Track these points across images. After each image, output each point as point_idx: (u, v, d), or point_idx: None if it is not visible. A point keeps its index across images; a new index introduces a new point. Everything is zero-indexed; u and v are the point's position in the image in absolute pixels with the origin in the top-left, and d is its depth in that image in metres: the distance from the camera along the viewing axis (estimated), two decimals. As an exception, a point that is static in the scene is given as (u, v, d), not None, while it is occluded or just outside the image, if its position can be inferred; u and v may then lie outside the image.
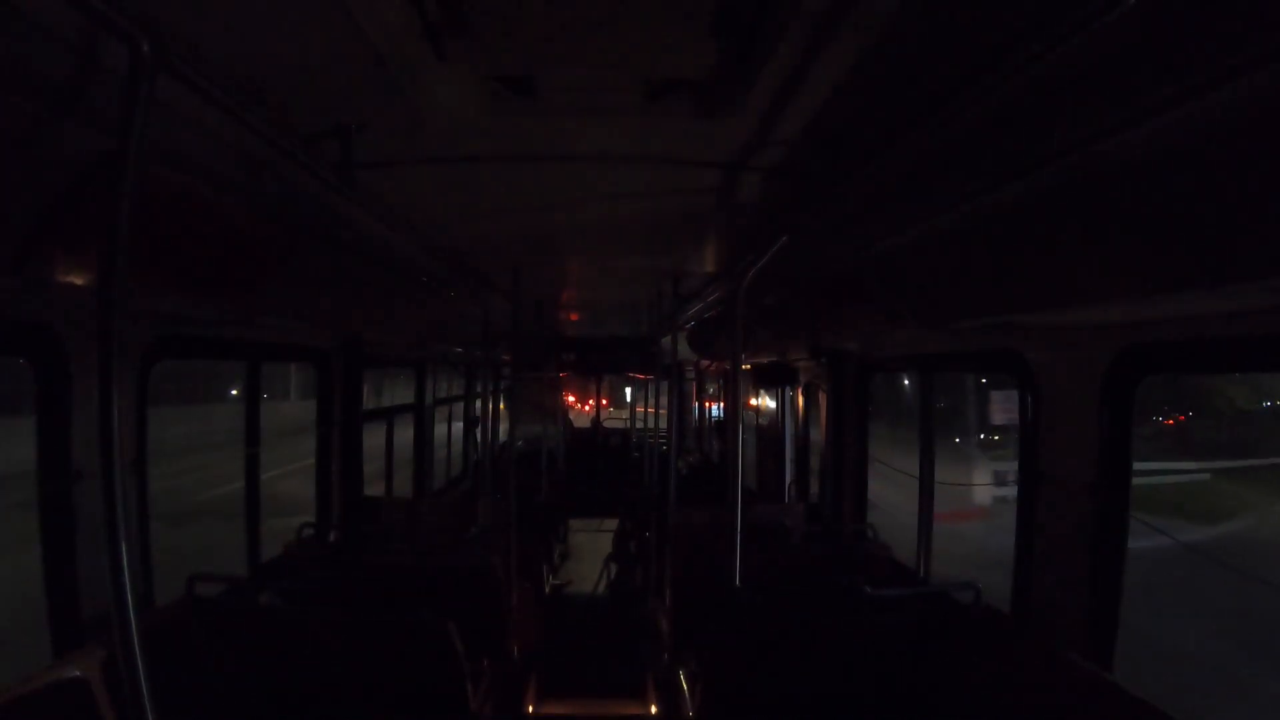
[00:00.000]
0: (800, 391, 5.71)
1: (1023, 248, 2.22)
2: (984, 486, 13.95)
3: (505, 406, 7.51)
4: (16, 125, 1.48)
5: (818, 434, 4.94)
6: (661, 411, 6.60)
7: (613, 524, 8.14)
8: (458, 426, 8.19)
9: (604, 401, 13.74)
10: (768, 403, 6.86)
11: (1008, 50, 1.31)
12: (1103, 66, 1.38)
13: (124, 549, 1.28)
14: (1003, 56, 1.33)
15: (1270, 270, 1.47)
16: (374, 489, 5.01)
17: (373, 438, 5.05)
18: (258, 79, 1.53)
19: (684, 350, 6.17)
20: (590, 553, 7.93)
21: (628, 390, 9.77)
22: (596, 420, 12.38)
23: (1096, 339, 2.25)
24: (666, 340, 6.41)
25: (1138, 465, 2.32)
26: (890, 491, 7.67)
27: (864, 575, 3.52)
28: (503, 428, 7.05)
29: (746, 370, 6.62)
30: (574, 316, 7.23)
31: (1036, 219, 2.05)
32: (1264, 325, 1.73)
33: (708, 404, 10.75)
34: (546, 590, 5.78)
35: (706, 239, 3.33)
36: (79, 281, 1.94)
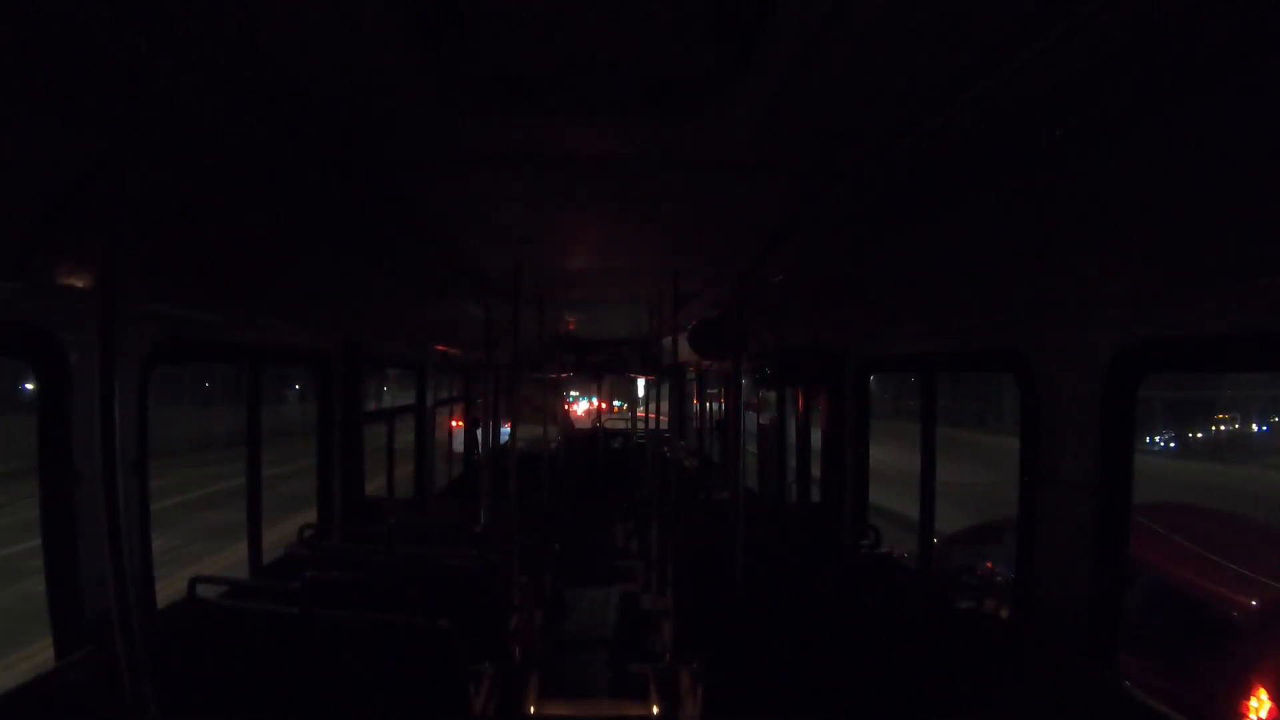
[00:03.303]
0: (800, 391, 5.71)
1: (1022, 247, 2.22)
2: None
3: (505, 408, 7.51)
4: (17, 127, 1.49)
5: (819, 434, 4.93)
6: (663, 416, 6.60)
7: (614, 525, 8.14)
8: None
9: (603, 405, 13.80)
10: (769, 402, 6.86)
11: (1006, 51, 1.31)
12: (1101, 67, 1.38)
13: (125, 551, 1.29)
14: (1001, 57, 1.33)
15: (1269, 269, 1.47)
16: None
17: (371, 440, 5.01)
18: (258, 80, 1.54)
19: (684, 351, 6.17)
20: (592, 553, 7.93)
21: (640, 383, 9.66)
22: (597, 421, 12.40)
23: (1096, 338, 2.25)
24: (667, 341, 6.41)
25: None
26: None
27: (865, 577, 3.52)
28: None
29: (747, 369, 6.62)
30: (574, 317, 7.23)
31: (1036, 219, 2.05)
32: (1263, 324, 1.73)
33: (709, 403, 10.75)
34: (547, 592, 5.78)
35: (706, 239, 3.33)
36: (80, 284, 1.94)
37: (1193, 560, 4.21)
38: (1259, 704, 3.28)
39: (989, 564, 5.68)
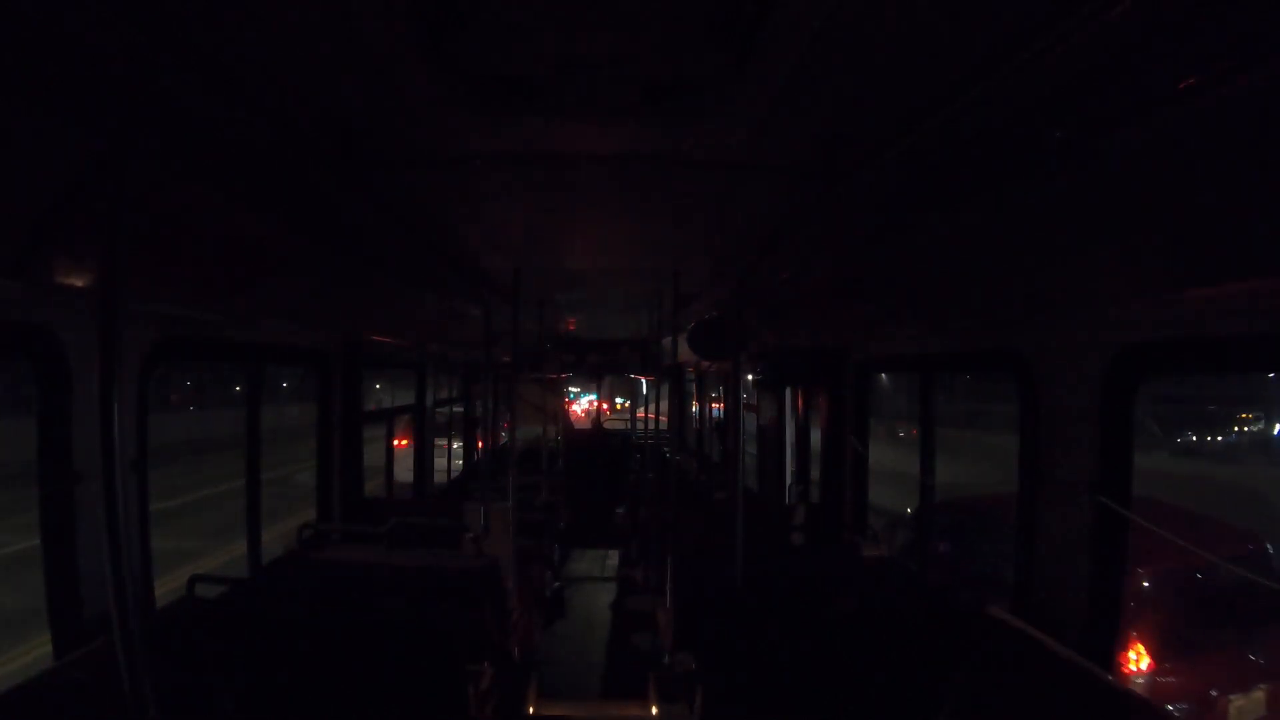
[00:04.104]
0: (800, 392, 5.71)
1: (1022, 248, 2.22)
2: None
3: (505, 408, 7.51)
4: (17, 126, 1.49)
5: (818, 434, 4.94)
6: (662, 416, 6.60)
7: (613, 524, 8.14)
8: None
9: (604, 405, 13.81)
10: (768, 403, 6.85)
11: (1006, 51, 1.31)
12: (1101, 67, 1.38)
13: (124, 550, 1.29)
14: (1001, 57, 1.33)
15: (1269, 269, 1.48)
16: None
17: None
18: (258, 80, 1.54)
19: (684, 351, 6.18)
20: (590, 554, 7.93)
21: (644, 383, 9.64)
22: (597, 421, 12.39)
23: (1096, 339, 2.25)
24: (667, 341, 6.41)
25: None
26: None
27: (864, 576, 3.53)
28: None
29: (747, 370, 6.62)
30: (574, 317, 7.23)
31: (1036, 219, 2.05)
32: (1263, 325, 1.73)
33: (709, 405, 10.74)
34: (546, 592, 5.78)
35: (706, 239, 3.33)
36: (80, 284, 1.94)
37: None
38: (1138, 657, 3.85)
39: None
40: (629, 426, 11.94)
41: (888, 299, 3.42)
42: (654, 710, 3.99)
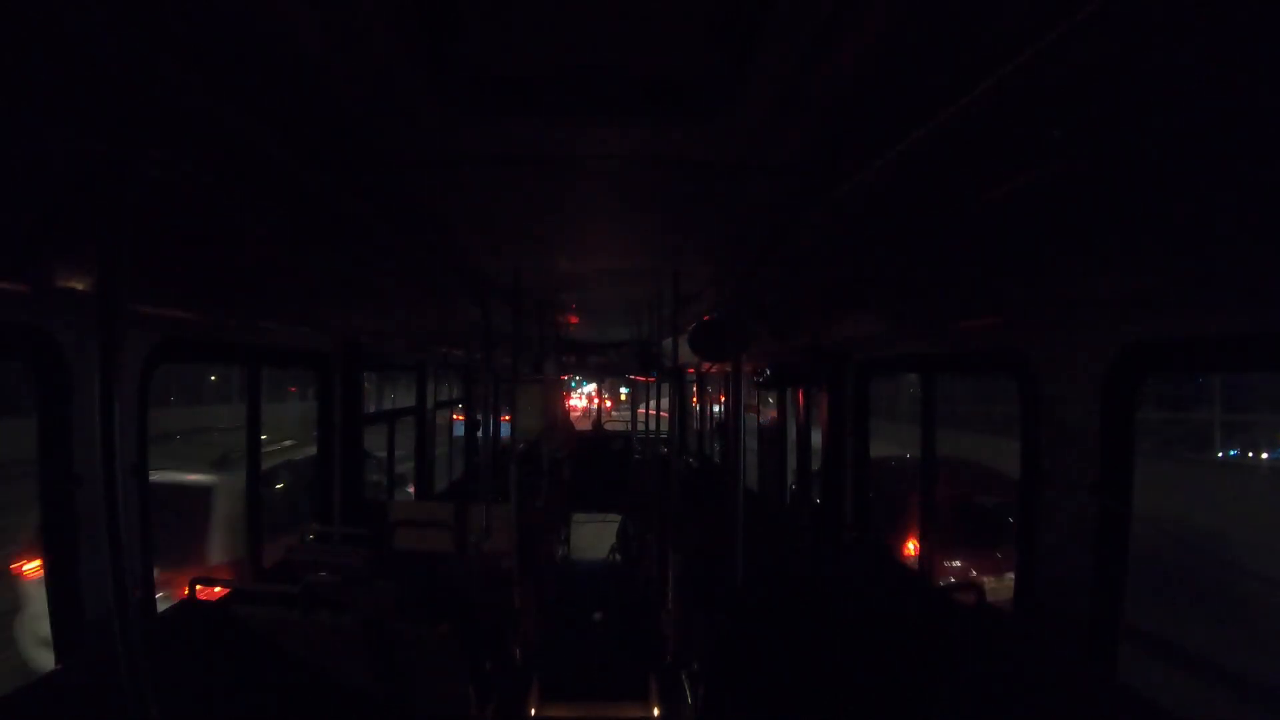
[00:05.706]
0: (800, 393, 5.71)
1: (1022, 248, 2.22)
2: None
3: (505, 409, 7.50)
4: (17, 126, 1.49)
5: (819, 435, 4.93)
6: (663, 414, 6.61)
7: (614, 527, 8.14)
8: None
9: (608, 404, 13.79)
10: (769, 404, 6.86)
11: (1006, 51, 1.31)
12: (1101, 67, 1.38)
13: (125, 553, 1.29)
14: (1001, 57, 1.33)
15: (1269, 269, 1.47)
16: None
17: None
18: (258, 80, 1.54)
19: (684, 353, 6.19)
20: (592, 556, 7.93)
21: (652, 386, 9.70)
22: (598, 423, 12.41)
23: (1097, 339, 2.25)
24: (667, 343, 6.41)
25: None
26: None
27: (865, 576, 3.52)
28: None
29: (747, 371, 6.62)
30: (574, 318, 7.23)
31: (1037, 219, 2.05)
32: (1263, 324, 1.73)
33: (709, 406, 10.74)
34: (548, 593, 5.78)
35: (706, 240, 3.33)
36: (80, 285, 1.94)
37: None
38: (914, 548, 4.87)
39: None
40: (629, 427, 11.95)
41: (888, 300, 3.42)
42: (655, 711, 3.98)
